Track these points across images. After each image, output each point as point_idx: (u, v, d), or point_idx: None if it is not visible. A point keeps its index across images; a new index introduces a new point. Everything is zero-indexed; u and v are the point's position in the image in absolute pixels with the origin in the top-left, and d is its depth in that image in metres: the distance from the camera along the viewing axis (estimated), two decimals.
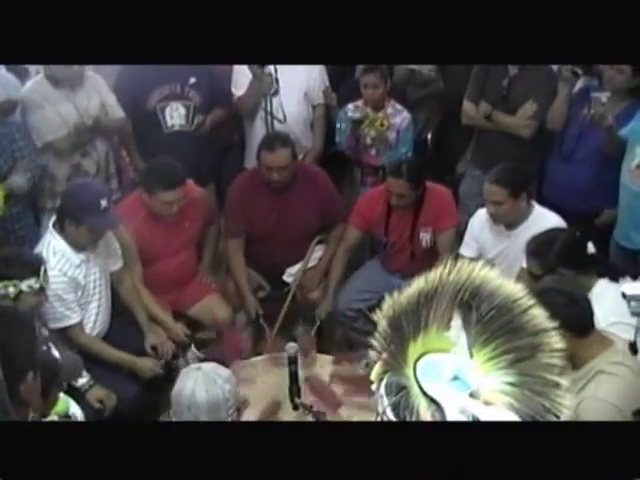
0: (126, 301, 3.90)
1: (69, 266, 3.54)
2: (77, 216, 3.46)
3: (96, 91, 4.19)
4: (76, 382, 3.39)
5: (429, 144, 5.04)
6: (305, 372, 3.26)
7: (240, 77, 4.46)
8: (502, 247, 3.88)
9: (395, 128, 4.53)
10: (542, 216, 3.79)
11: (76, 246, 3.55)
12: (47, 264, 3.39)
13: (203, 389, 2.32)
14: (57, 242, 3.54)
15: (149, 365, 3.71)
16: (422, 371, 1.24)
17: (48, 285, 3.28)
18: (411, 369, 1.24)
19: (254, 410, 3.29)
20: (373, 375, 1.31)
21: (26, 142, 4.02)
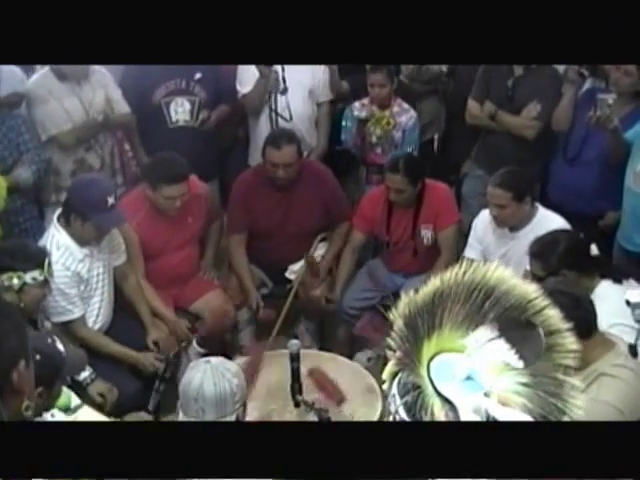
0: (129, 296, 3.90)
1: (72, 260, 3.54)
2: (83, 212, 3.46)
3: (102, 85, 4.19)
4: (78, 376, 3.39)
5: (436, 144, 5.03)
6: (309, 365, 3.26)
7: (245, 74, 4.46)
8: (506, 249, 3.87)
9: (401, 127, 4.54)
10: (546, 218, 3.78)
11: (80, 241, 3.55)
12: (51, 258, 3.40)
13: (211, 382, 2.32)
14: (61, 236, 3.53)
15: (150, 360, 3.71)
16: (436, 371, 1.24)
17: (52, 278, 3.28)
18: (425, 368, 1.24)
19: (255, 405, 3.30)
20: (385, 374, 1.31)
21: (32, 135, 4.02)
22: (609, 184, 3.93)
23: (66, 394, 2.86)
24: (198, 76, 4.38)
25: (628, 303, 2.22)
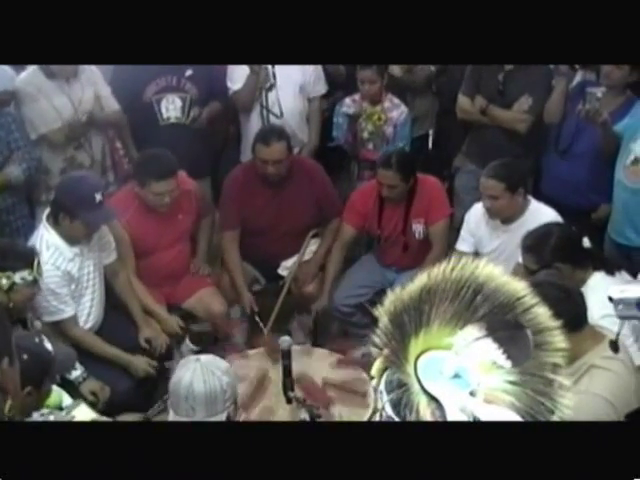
0: (120, 294, 3.88)
1: (62, 260, 3.53)
2: (71, 210, 3.44)
3: (91, 83, 4.16)
4: (70, 374, 3.38)
5: (430, 139, 5.03)
6: (296, 371, 3.26)
7: (235, 71, 4.44)
8: (498, 242, 3.88)
9: (392, 122, 4.53)
10: (538, 211, 3.79)
11: (70, 240, 3.53)
12: (40, 258, 3.39)
13: (201, 380, 2.31)
14: (50, 236, 3.52)
15: (142, 365, 3.69)
16: (423, 368, 1.24)
17: (41, 277, 3.26)
18: (412, 366, 1.24)
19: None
20: (373, 371, 1.31)
21: (22, 133, 3.99)
22: (601, 177, 3.94)
23: (57, 393, 2.86)
24: (189, 73, 4.36)
25: (611, 299, 2.21)
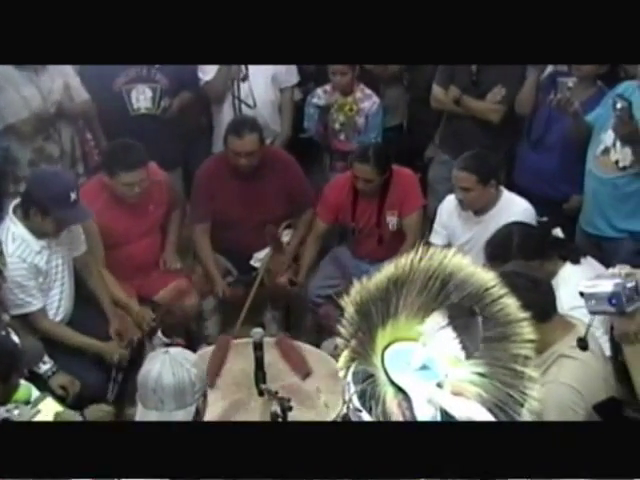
0: (90, 286, 3.85)
1: (29, 252, 3.48)
2: (45, 206, 3.40)
3: (60, 73, 4.09)
4: (39, 368, 3.35)
5: (404, 129, 5.02)
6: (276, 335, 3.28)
7: None
8: (471, 234, 3.88)
9: (364, 113, 4.52)
10: (510, 201, 3.81)
11: (38, 234, 3.49)
12: (6, 250, 3.34)
13: (170, 372, 2.29)
14: (17, 228, 3.47)
15: (114, 348, 3.66)
16: (390, 359, 1.23)
17: (6, 268, 3.22)
18: (379, 357, 1.22)
19: (220, 394, 3.29)
20: (340, 363, 1.29)
21: None
22: (573, 168, 3.95)
23: (26, 387, 2.83)
24: None
25: (582, 294, 2.22)
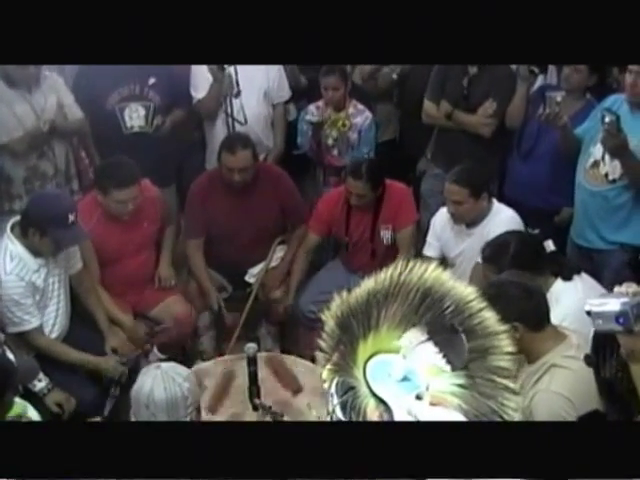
0: (86, 303, 3.86)
1: (27, 271, 3.50)
2: (43, 227, 3.43)
3: (53, 91, 4.12)
4: (34, 386, 3.36)
5: (397, 143, 5.05)
6: (267, 353, 3.28)
7: (198, 79, 4.45)
8: (463, 246, 3.91)
9: (357, 128, 4.55)
10: (499, 213, 3.82)
11: (36, 253, 3.52)
12: (4, 268, 3.37)
13: (161, 387, 2.31)
14: (15, 247, 3.50)
15: (112, 364, 3.67)
16: (372, 371, 1.24)
17: (1, 285, 3.24)
18: (361, 370, 1.24)
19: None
20: (324, 375, 1.31)
21: None
22: (563, 180, 3.97)
23: (22, 405, 2.84)
24: (152, 81, 4.34)
25: (589, 313, 2.24)
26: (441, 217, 4.00)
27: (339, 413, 1.25)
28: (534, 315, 2.72)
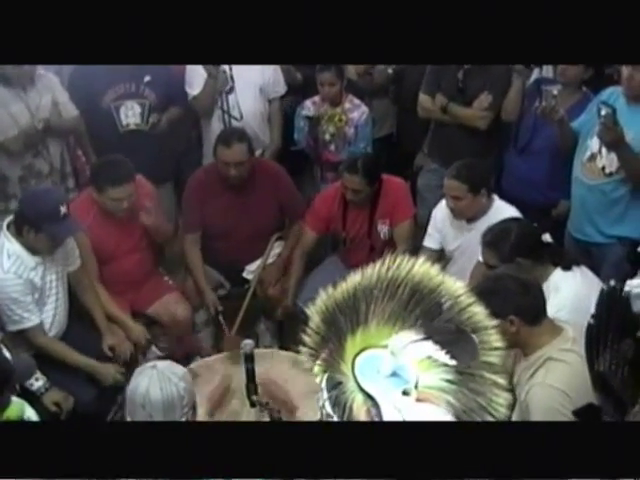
0: (84, 301, 3.86)
1: (24, 268, 3.50)
2: (37, 224, 3.42)
3: (48, 90, 4.11)
4: (31, 385, 3.35)
5: (394, 139, 5.05)
6: (261, 375, 3.25)
7: (193, 76, 4.44)
8: (462, 240, 3.90)
9: (353, 123, 4.54)
10: (500, 209, 3.81)
11: (33, 251, 3.51)
12: (1, 267, 3.36)
13: (157, 387, 2.30)
14: (11, 245, 3.49)
15: (111, 372, 3.66)
16: (360, 367, 1.24)
17: None
18: (349, 365, 1.24)
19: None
20: (315, 369, 1.31)
21: None
22: (560, 174, 3.96)
23: (19, 404, 2.83)
24: (148, 79, 4.34)
25: (628, 295, 2.23)
26: (442, 209, 3.98)
27: (328, 408, 1.25)
28: (531, 309, 2.73)
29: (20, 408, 2.81)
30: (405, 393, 1.19)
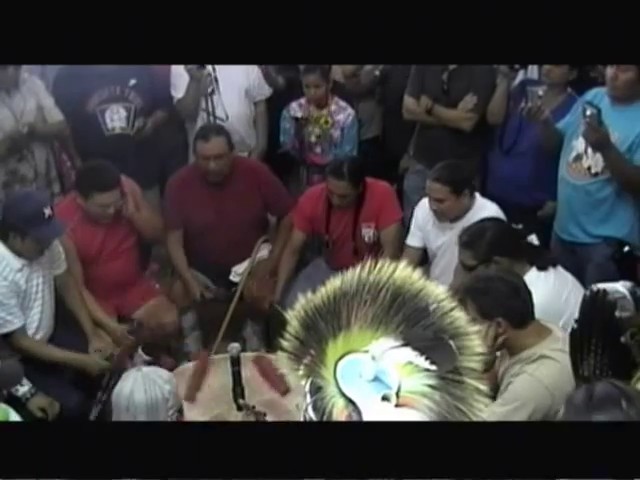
0: (70, 305, 3.85)
1: (10, 270, 3.48)
2: (22, 229, 3.41)
3: (33, 94, 4.10)
4: (17, 391, 3.33)
5: (380, 141, 5.04)
6: (255, 353, 3.28)
7: (178, 80, 4.43)
8: (445, 238, 3.90)
9: (339, 125, 4.54)
10: (482, 207, 3.82)
11: (20, 255, 3.49)
12: None
13: (142, 389, 2.30)
14: None
15: (96, 360, 3.65)
16: (342, 371, 1.23)
17: None
18: (330, 369, 1.23)
19: (201, 410, 3.30)
20: (300, 372, 1.30)
21: None
22: (546, 175, 3.97)
23: (4, 410, 2.82)
24: (133, 82, 4.33)
25: (612, 300, 2.25)
26: (423, 208, 3.98)
27: (311, 412, 1.24)
28: (519, 313, 2.74)
29: (5, 414, 2.80)
30: (385, 399, 1.19)
